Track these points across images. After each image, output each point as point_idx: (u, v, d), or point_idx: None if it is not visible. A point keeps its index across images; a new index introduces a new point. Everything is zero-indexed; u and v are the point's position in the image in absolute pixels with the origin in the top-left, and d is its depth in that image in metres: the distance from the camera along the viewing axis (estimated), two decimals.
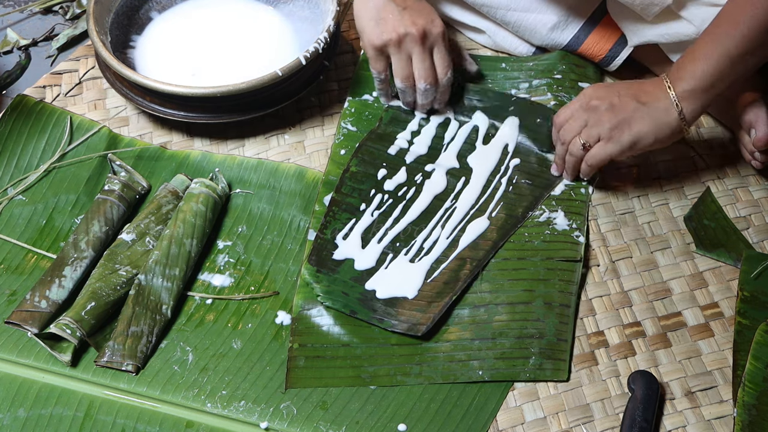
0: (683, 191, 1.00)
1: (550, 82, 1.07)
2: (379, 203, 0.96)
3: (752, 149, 0.97)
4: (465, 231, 0.94)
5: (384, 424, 0.83)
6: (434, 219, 0.96)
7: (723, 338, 0.89)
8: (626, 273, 0.94)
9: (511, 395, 0.85)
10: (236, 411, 0.83)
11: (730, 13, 0.86)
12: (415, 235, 0.94)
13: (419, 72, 0.97)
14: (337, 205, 0.96)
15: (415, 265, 0.92)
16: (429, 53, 0.97)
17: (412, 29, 0.94)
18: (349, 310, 0.88)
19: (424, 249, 0.93)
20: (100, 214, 0.94)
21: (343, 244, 0.93)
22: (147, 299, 0.88)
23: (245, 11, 1.12)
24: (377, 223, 0.95)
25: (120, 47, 1.06)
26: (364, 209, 0.96)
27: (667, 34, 0.99)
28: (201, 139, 1.05)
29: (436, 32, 0.96)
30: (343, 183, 0.97)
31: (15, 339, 0.87)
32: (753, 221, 0.98)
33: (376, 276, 0.91)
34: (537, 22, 1.07)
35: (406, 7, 0.95)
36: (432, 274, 0.91)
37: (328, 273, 0.90)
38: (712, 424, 0.83)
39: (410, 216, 0.96)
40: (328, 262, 0.91)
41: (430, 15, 0.96)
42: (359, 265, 0.92)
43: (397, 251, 0.93)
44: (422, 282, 0.91)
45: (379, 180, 0.98)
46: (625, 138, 0.89)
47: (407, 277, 0.91)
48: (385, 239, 0.94)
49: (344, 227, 0.94)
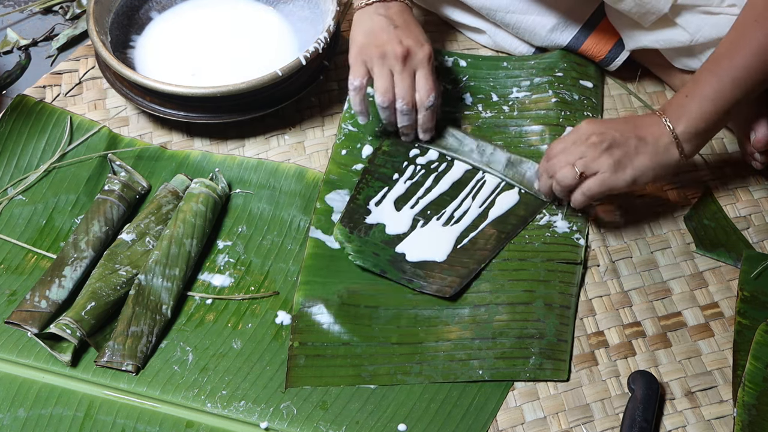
0: (683, 191, 1.00)
1: (551, 79, 1.07)
2: (412, 174, 0.99)
3: (752, 150, 0.98)
4: (495, 203, 0.97)
5: (384, 424, 0.83)
6: (465, 190, 0.98)
7: (723, 338, 0.89)
8: (626, 273, 0.94)
9: (511, 395, 0.85)
10: (236, 411, 0.83)
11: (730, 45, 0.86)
12: (446, 204, 0.97)
13: (398, 90, 0.94)
14: (370, 174, 0.99)
15: (446, 229, 0.95)
16: (411, 74, 0.94)
17: (397, 47, 0.93)
18: (379, 270, 0.91)
19: (454, 218, 0.96)
20: (100, 214, 0.94)
21: (375, 210, 0.96)
22: (147, 299, 0.87)
23: (245, 11, 1.12)
24: (410, 191, 0.98)
25: (120, 47, 1.06)
26: (397, 178, 0.99)
27: (662, 40, 0.99)
28: (201, 139, 1.05)
29: (421, 55, 0.94)
30: (376, 156, 1.00)
31: (15, 339, 0.87)
32: (753, 221, 0.98)
33: (406, 240, 0.94)
34: (536, 24, 1.07)
35: (398, 26, 0.94)
36: (461, 241, 0.94)
37: (360, 235, 0.93)
38: (712, 424, 0.83)
39: (442, 186, 0.98)
40: (361, 226, 0.94)
41: (419, 38, 0.94)
42: (390, 230, 0.95)
43: (428, 218, 0.96)
44: (452, 247, 0.93)
45: (411, 157, 1.01)
46: (627, 174, 0.87)
47: (437, 242, 0.94)
48: (417, 207, 0.97)
49: (377, 194, 0.97)
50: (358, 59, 0.95)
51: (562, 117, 1.04)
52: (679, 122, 0.87)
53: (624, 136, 0.87)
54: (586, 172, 0.88)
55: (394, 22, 0.94)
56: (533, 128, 1.04)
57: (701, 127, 0.87)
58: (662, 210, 0.99)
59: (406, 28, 0.95)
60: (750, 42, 0.84)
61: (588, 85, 1.08)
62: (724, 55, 0.86)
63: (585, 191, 0.88)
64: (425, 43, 0.95)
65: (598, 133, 0.88)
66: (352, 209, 0.95)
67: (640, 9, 0.96)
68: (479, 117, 1.05)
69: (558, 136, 1.02)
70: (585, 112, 1.05)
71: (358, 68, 0.95)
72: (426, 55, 0.94)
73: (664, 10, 0.95)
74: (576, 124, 1.02)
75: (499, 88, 1.09)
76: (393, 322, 0.89)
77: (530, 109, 1.06)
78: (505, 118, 1.06)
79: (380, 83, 0.94)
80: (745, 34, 0.85)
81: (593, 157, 0.87)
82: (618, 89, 1.10)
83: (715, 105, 0.86)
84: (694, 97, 0.87)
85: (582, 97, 1.06)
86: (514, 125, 1.05)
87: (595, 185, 0.88)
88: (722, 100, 0.85)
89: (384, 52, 0.93)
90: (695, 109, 0.86)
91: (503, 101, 1.07)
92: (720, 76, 0.85)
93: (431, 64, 0.95)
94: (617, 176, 0.87)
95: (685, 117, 0.87)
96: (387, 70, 0.94)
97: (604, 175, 0.87)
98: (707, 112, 0.86)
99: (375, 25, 0.94)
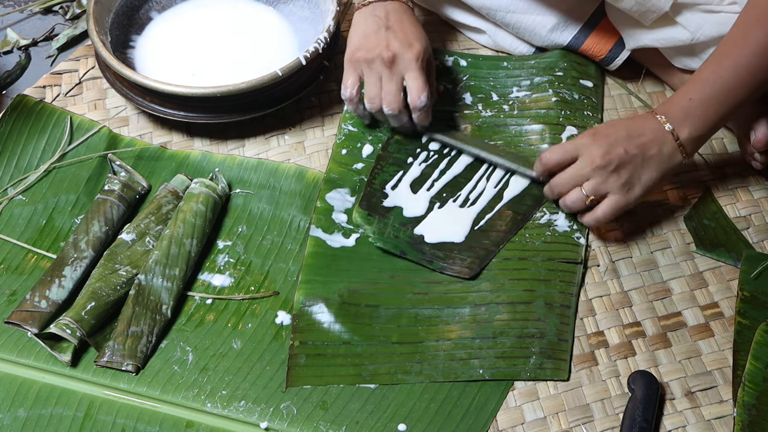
0: (683, 191, 1.00)
1: (551, 79, 1.07)
2: (426, 157, 1.01)
3: (752, 150, 0.98)
4: (509, 185, 0.98)
5: (384, 424, 0.83)
6: (479, 172, 0.99)
7: (723, 338, 0.89)
8: (626, 273, 0.94)
9: (511, 395, 0.85)
10: (236, 411, 0.83)
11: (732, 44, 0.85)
12: (461, 186, 0.98)
13: (384, 96, 0.94)
14: (384, 159, 1.00)
15: (463, 211, 0.96)
16: (399, 78, 0.93)
17: (384, 52, 0.92)
18: (399, 251, 0.92)
19: (470, 199, 0.97)
20: (100, 214, 0.94)
21: (392, 194, 0.97)
22: (147, 299, 0.87)
23: (245, 11, 1.12)
24: (425, 174, 0.99)
25: (120, 47, 1.06)
26: (411, 162, 1.00)
27: (663, 39, 0.99)
28: (201, 139, 1.05)
29: (408, 56, 0.92)
30: (388, 144, 1.02)
31: (15, 339, 0.87)
32: (753, 221, 0.98)
33: (424, 222, 0.95)
34: (536, 23, 1.07)
35: (390, 27, 0.93)
36: (479, 223, 0.95)
37: (379, 218, 0.94)
38: (712, 424, 0.83)
39: (456, 168, 1.00)
40: (378, 209, 0.96)
41: (409, 39, 0.93)
42: (408, 213, 0.96)
43: (445, 201, 0.97)
44: (470, 229, 0.94)
45: (424, 143, 1.02)
46: (636, 191, 0.87)
47: (455, 223, 0.95)
48: (433, 189, 0.98)
49: (392, 178, 0.99)
50: (350, 65, 0.95)
51: (563, 116, 1.04)
52: (683, 127, 0.87)
53: (629, 153, 0.86)
54: (595, 195, 0.88)
55: (387, 23, 0.94)
56: (533, 127, 1.04)
57: (704, 130, 0.87)
58: (662, 210, 0.99)
59: (399, 28, 0.94)
60: (752, 41, 0.84)
61: (588, 85, 1.08)
62: (726, 55, 0.85)
63: (599, 216, 0.88)
64: (414, 42, 0.93)
65: (603, 154, 0.86)
66: (370, 193, 0.97)
67: (640, 7, 0.96)
68: (479, 116, 1.05)
69: (558, 135, 1.02)
70: (585, 111, 1.05)
71: (350, 75, 0.95)
72: (414, 55, 0.92)
73: (665, 8, 0.95)
74: (576, 123, 1.03)
75: (500, 88, 1.09)
76: (393, 321, 0.89)
77: (530, 108, 1.06)
78: (505, 117, 1.06)
79: (368, 89, 0.95)
80: (747, 33, 0.84)
81: (602, 181, 0.87)
82: (618, 89, 1.10)
83: (718, 108, 0.85)
84: (697, 101, 0.86)
85: (582, 97, 1.06)
86: (514, 124, 1.05)
87: (608, 209, 0.88)
88: (726, 101, 0.85)
89: (372, 57, 0.93)
90: (700, 113, 0.86)
91: (503, 100, 1.07)
92: (723, 77, 0.85)
93: (420, 63, 0.93)
94: (628, 196, 0.87)
95: (690, 121, 0.86)
96: (375, 75, 0.94)
97: (615, 197, 0.87)
98: (711, 116, 0.86)
99: (368, 28, 0.94)
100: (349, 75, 0.96)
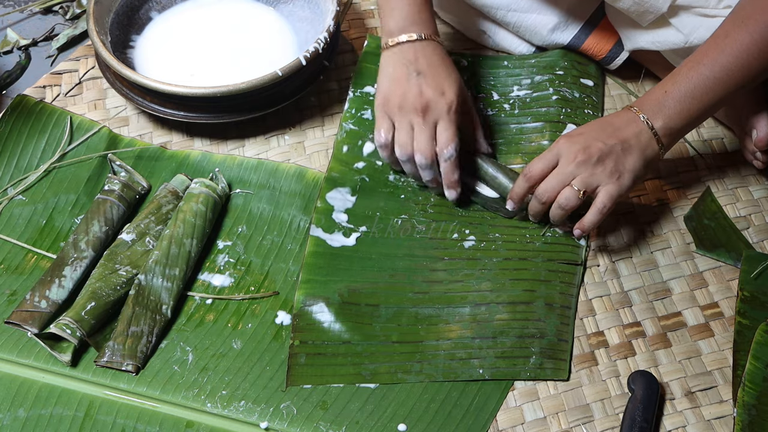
0: (683, 191, 1.00)
1: (552, 78, 1.07)
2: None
3: (753, 149, 0.98)
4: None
5: (384, 424, 0.83)
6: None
7: (723, 338, 0.89)
8: (626, 273, 0.93)
9: (511, 395, 0.85)
10: (236, 411, 0.83)
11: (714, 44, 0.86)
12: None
13: (416, 143, 0.91)
14: None
15: None
16: (431, 126, 0.91)
17: (416, 100, 0.90)
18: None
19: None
20: (100, 214, 0.94)
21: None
22: (147, 299, 0.88)
23: (245, 11, 1.12)
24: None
25: (120, 47, 1.06)
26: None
27: (659, 42, 0.99)
28: (201, 139, 1.05)
29: (441, 105, 0.90)
30: None
31: (15, 339, 0.87)
32: (753, 221, 0.98)
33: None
34: (537, 23, 1.07)
35: (420, 72, 0.91)
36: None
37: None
38: (712, 424, 0.83)
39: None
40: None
41: (442, 85, 0.91)
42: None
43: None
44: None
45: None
46: (626, 178, 0.87)
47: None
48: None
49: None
50: (382, 111, 0.93)
51: (563, 114, 1.04)
52: (656, 118, 0.87)
53: (607, 144, 0.86)
54: (587, 189, 0.87)
55: (417, 68, 0.91)
56: (534, 125, 1.04)
57: (679, 123, 0.87)
58: (662, 210, 0.99)
59: (430, 73, 0.91)
60: (733, 43, 0.84)
61: (589, 84, 1.08)
62: (707, 53, 0.86)
63: (599, 207, 0.88)
64: (447, 90, 0.91)
65: (581, 149, 0.87)
66: None
67: (638, 8, 0.96)
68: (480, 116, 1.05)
69: (559, 133, 1.02)
70: (586, 110, 1.05)
71: (383, 122, 0.93)
72: (447, 105, 0.90)
73: (663, 9, 0.95)
74: (576, 121, 1.03)
75: (500, 87, 1.09)
76: (394, 320, 0.89)
77: (531, 107, 1.06)
78: (506, 116, 1.06)
79: (399, 136, 0.92)
80: (730, 35, 0.84)
81: (589, 174, 0.87)
82: (618, 89, 1.10)
83: (693, 103, 0.86)
84: (673, 94, 0.86)
85: (582, 95, 1.07)
86: (515, 123, 1.05)
87: (606, 199, 0.87)
88: (701, 98, 0.86)
89: (404, 104, 0.91)
90: (673, 105, 0.86)
91: (504, 99, 1.07)
92: (701, 74, 0.85)
93: (453, 114, 0.91)
94: (619, 183, 0.87)
95: (663, 113, 0.87)
96: (407, 122, 0.91)
97: (608, 186, 0.87)
98: (685, 110, 0.86)
99: (398, 72, 0.91)
100: (382, 122, 0.93)
